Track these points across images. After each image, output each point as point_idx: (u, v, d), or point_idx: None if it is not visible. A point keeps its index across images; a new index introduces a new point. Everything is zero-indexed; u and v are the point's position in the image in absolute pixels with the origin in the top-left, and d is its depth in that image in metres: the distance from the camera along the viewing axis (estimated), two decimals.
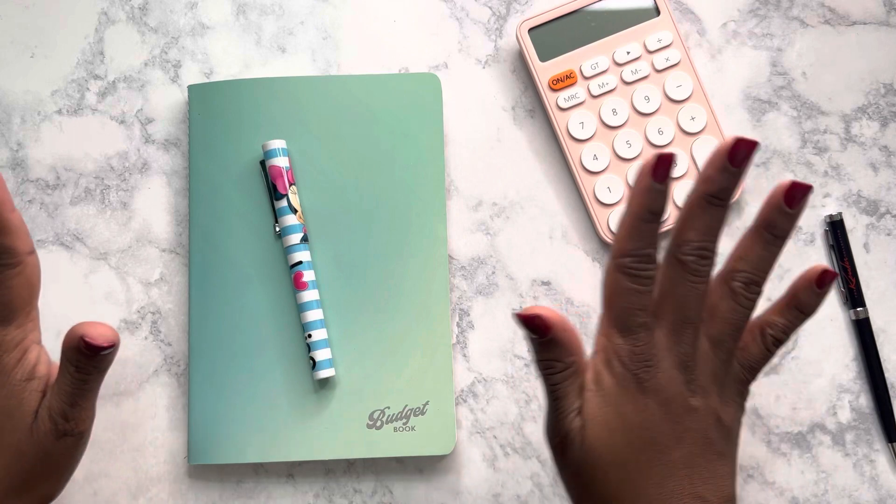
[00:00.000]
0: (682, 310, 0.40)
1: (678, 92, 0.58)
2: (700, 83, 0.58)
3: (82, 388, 0.42)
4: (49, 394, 0.41)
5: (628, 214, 0.40)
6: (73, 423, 0.42)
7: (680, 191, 0.58)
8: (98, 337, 0.41)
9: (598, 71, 0.58)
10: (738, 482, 0.49)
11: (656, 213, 0.40)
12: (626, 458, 0.40)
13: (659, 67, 0.58)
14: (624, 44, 0.58)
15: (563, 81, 0.58)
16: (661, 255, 0.41)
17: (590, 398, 0.41)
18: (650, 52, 0.58)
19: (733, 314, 0.41)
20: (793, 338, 0.58)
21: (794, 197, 0.40)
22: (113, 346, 0.41)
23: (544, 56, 0.58)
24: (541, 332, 0.41)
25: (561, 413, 0.42)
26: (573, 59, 0.58)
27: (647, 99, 0.58)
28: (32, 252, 0.42)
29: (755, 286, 0.41)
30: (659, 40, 0.58)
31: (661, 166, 0.39)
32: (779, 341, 0.43)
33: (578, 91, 0.57)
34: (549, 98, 0.57)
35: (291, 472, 0.56)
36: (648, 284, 0.41)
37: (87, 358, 0.41)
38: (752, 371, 0.43)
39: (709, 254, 0.40)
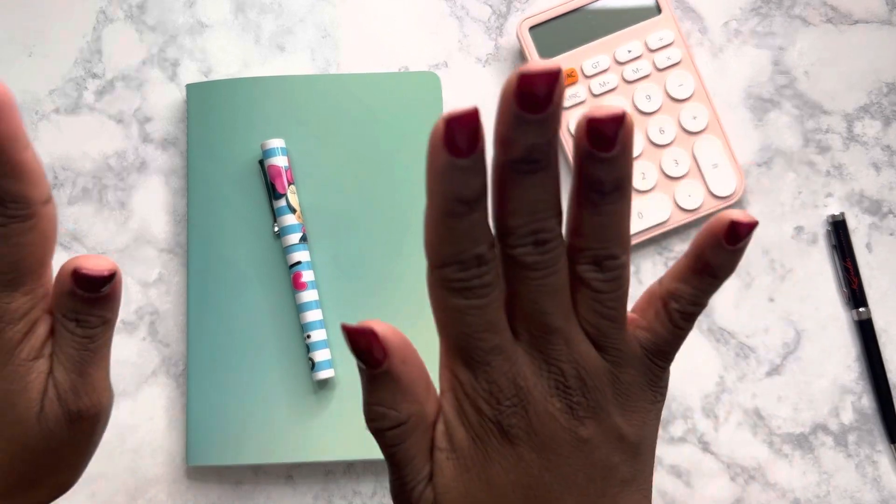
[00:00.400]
0: (538, 318, 0.29)
1: (680, 91, 0.57)
2: (702, 82, 0.57)
3: (89, 348, 0.33)
4: (55, 371, 0.33)
5: (431, 210, 0.28)
6: (86, 400, 0.34)
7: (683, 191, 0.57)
8: (93, 268, 0.32)
9: (599, 70, 0.57)
10: (655, 487, 0.42)
11: (469, 201, 0.27)
12: None
13: (660, 66, 0.57)
14: (625, 42, 0.57)
15: (568, 78, 0.57)
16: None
17: (441, 462, 0.30)
18: (651, 51, 0.57)
19: (600, 303, 0.30)
20: (791, 336, 0.57)
21: (737, 235, 0.30)
22: (113, 275, 0.33)
23: (545, 55, 0.57)
24: (372, 361, 0.30)
25: (406, 482, 0.31)
26: (574, 57, 0.57)
27: (649, 98, 0.57)
28: (49, 201, 0.32)
29: (618, 262, 0.30)
30: (660, 39, 0.57)
31: (458, 133, 0.26)
32: (688, 316, 0.32)
33: (579, 90, 0.57)
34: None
35: (290, 473, 0.56)
36: (488, 293, 0.29)
37: (87, 303, 0.33)
38: (663, 356, 0.32)
39: (547, 235, 0.29)
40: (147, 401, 0.56)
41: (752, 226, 0.30)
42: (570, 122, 0.57)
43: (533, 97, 0.25)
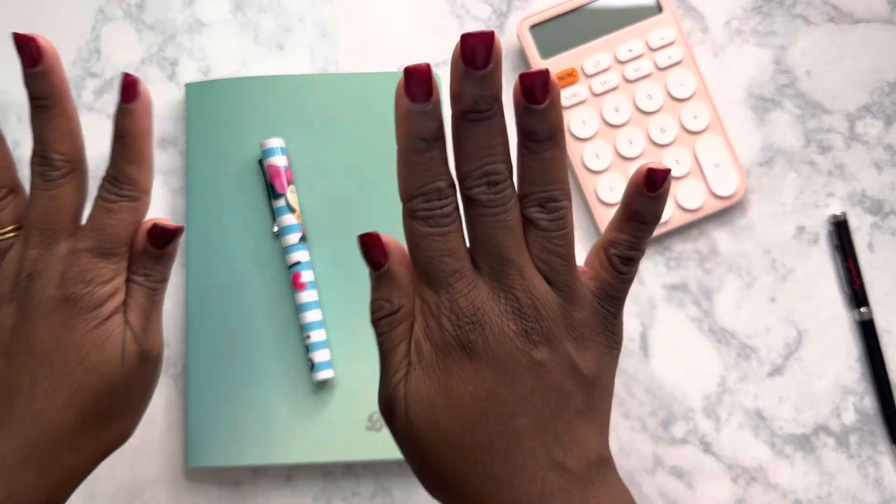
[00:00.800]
0: (495, 250, 0.34)
1: (681, 90, 0.57)
2: (703, 81, 0.57)
3: (153, 300, 0.41)
4: (128, 317, 0.40)
5: (399, 150, 0.35)
6: (152, 342, 0.41)
7: (683, 191, 0.57)
8: (166, 224, 0.41)
9: (599, 69, 0.57)
10: (611, 443, 0.44)
11: (428, 139, 0.34)
12: (459, 436, 0.34)
13: (661, 65, 0.57)
14: (626, 41, 0.57)
15: (564, 79, 0.57)
16: None
17: (411, 372, 0.35)
18: (653, 50, 0.57)
19: (548, 241, 0.35)
20: (793, 337, 0.57)
21: (654, 182, 0.35)
22: (181, 231, 0.41)
23: (546, 54, 0.57)
24: (376, 263, 0.36)
25: (387, 372, 0.36)
26: (575, 56, 0.57)
27: (650, 97, 0.57)
28: (149, 193, 0.41)
29: (560, 204, 0.35)
30: (661, 38, 0.57)
31: (414, 83, 0.33)
32: (627, 259, 0.36)
33: (580, 89, 0.57)
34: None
35: (290, 474, 0.56)
36: (448, 223, 0.35)
37: (154, 260, 0.41)
38: (613, 301, 0.36)
39: (497, 177, 0.34)
40: None
41: (666, 172, 0.35)
42: (570, 120, 0.57)
43: (475, 54, 0.32)
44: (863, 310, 0.57)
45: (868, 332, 0.57)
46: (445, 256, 0.35)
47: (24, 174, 0.57)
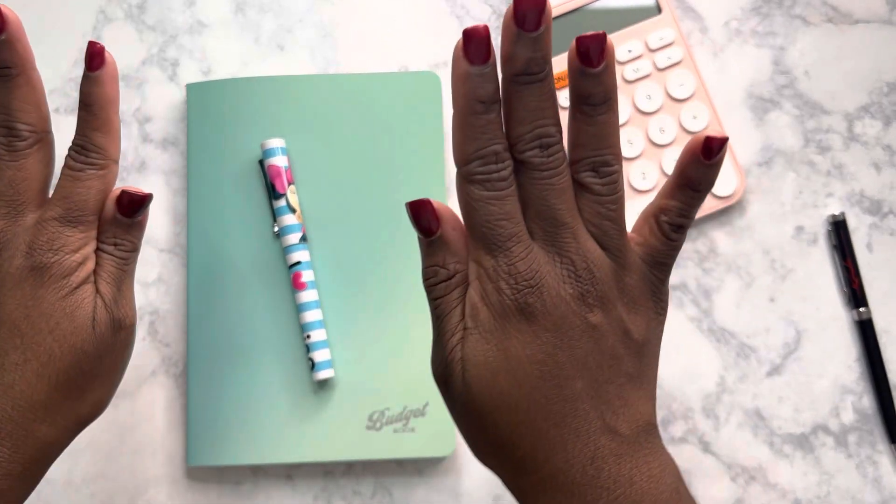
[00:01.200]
0: (548, 213, 0.35)
1: (680, 90, 0.57)
2: (702, 82, 0.57)
3: (124, 269, 0.41)
4: (99, 286, 0.40)
5: (456, 113, 0.35)
6: (124, 311, 0.41)
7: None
8: (135, 191, 0.41)
9: None
10: (657, 410, 0.45)
11: (487, 101, 0.34)
12: (516, 400, 0.34)
13: (661, 66, 0.57)
14: (625, 42, 0.57)
15: (564, 80, 0.57)
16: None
17: (468, 337, 0.35)
18: (652, 51, 0.58)
19: (601, 205, 0.35)
20: (792, 336, 0.57)
21: (711, 150, 0.35)
22: (149, 198, 0.41)
23: None
24: (428, 229, 0.36)
25: (443, 336, 0.36)
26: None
27: (649, 97, 0.57)
28: (117, 162, 0.42)
29: (613, 168, 0.35)
30: (661, 38, 0.57)
31: (473, 45, 0.33)
32: (678, 227, 0.37)
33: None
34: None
35: (290, 473, 0.56)
36: (505, 187, 0.35)
37: (124, 229, 0.41)
38: (661, 268, 0.37)
39: (550, 139, 0.34)
40: (147, 401, 0.56)
41: (723, 140, 0.35)
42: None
43: (526, 16, 0.32)
44: (861, 310, 0.57)
45: (867, 332, 0.57)
46: (503, 220, 0.35)
47: None
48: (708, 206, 0.57)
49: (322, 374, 0.54)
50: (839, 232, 0.58)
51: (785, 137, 0.59)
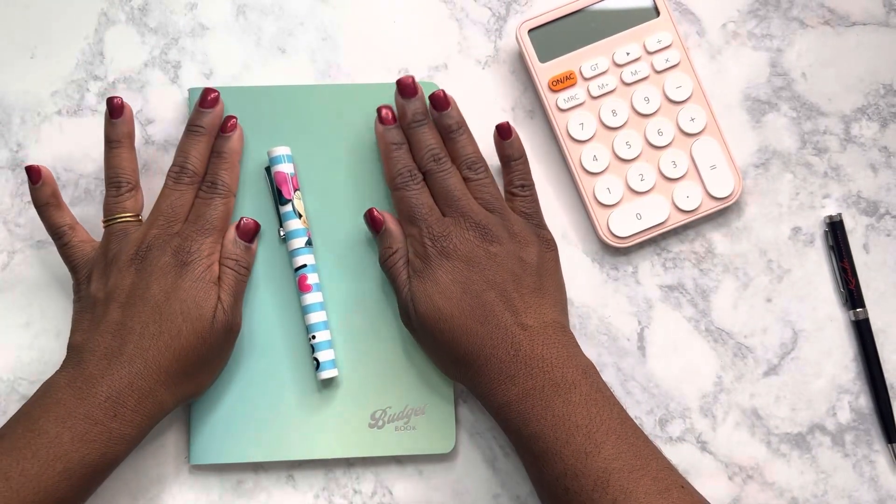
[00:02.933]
0: (447, 194, 0.54)
1: (678, 93, 0.58)
2: (700, 84, 0.58)
3: (241, 282, 0.55)
4: (220, 293, 0.53)
5: (382, 154, 0.56)
6: (236, 318, 0.54)
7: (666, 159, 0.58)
8: (250, 220, 0.56)
9: (597, 72, 0.58)
10: (570, 315, 0.57)
11: (397, 143, 0.56)
12: (450, 311, 0.51)
13: (659, 68, 0.58)
14: (624, 45, 0.58)
15: (562, 82, 0.58)
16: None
17: (412, 283, 0.53)
18: (650, 53, 0.58)
19: (480, 186, 0.55)
20: (789, 337, 0.58)
21: (501, 132, 0.55)
22: (259, 228, 0.56)
23: (544, 57, 0.58)
24: (376, 225, 0.55)
25: (399, 292, 0.54)
26: (573, 59, 0.58)
27: (647, 100, 0.58)
28: (234, 196, 0.57)
29: (479, 164, 0.55)
30: (659, 41, 0.58)
31: (383, 115, 0.55)
32: (522, 186, 0.56)
33: (578, 92, 0.58)
34: (549, 99, 0.58)
35: (291, 472, 0.57)
36: (419, 187, 0.54)
37: (242, 251, 0.55)
38: (531, 216, 0.55)
39: (438, 153, 0.55)
40: None
41: (506, 127, 0.56)
42: (568, 122, 0.58)
43: (406, 90, 0.55)
44: (858, 310, 0.58)
45: (863, 332, 0.58)
46: (423, 206, 0.54)
47: (19, 184, 0.57)
48: (706, 207, 0.58)
49: (326, 374, 0.55)
50: (836, 233, 0.58)
51: (782, 139, 0.60)
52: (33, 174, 0.54)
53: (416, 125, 0.55)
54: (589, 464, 0.47)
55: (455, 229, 0.53)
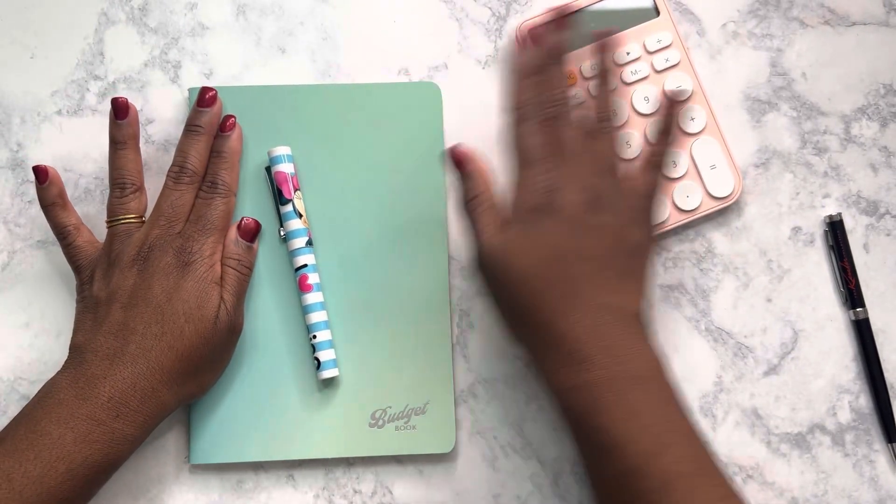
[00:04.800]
0: (571, 144, 0.50)
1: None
2: (700, 83, 0.59)
3: (243, 284, 0.55)
4: (223, 294, 0.54)
5: (513, 75, 0.51)
6: (238, 318, 0.55)
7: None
8: (251, 220, 0.56)
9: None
10: (649, 307, 0.55)
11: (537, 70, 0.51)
12: (533, 273, 0.48)
13: (659, 68, 0.59)
14: (624, 44, 0.59)
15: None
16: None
17: (503, 229, 0.49)
18: (650, 53, 0.59)
19: (603, 145, 0.51)
20: (789, 336, 0.58)
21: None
22: (260, 228, 0.56)
23: None
24: (462, 165, 0.52)
25: (480, 234, 0.50)
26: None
27: (647, 99, 0.58)
28: (235, 196, 0.57)
29: (608, 122, 0.52)
30: (659, 41, 0.59)
31: (526, 43, 0.52)
32: (655, 165, 0.52)
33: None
34: (510, 80, 0.58)
35: (291, 472, 0.57)
36: (550, 124, 0.50)
37: (244, 251, 0.55)
38: (645, 198, 0.51)
39: (566, 105, 0.51)
40: None
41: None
42: None
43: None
44: (858, 310, 0.58)
45: (863, 332, 0.58)
46: (538, 145, 0.50)
47: (20, 183, 0.57)
48: (706, 206, 0.58)
49: (327, 373, 0.56)
50: (836, 233, 0.59)
51: (782, 139, 0.60)
52: (40, 174, 0.55)
53: (551, 64, 0.51)
54: (654, 465, 0.45)
55: (567, 186, 0.49)
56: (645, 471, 0.45)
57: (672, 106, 0.52)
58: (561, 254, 0.48)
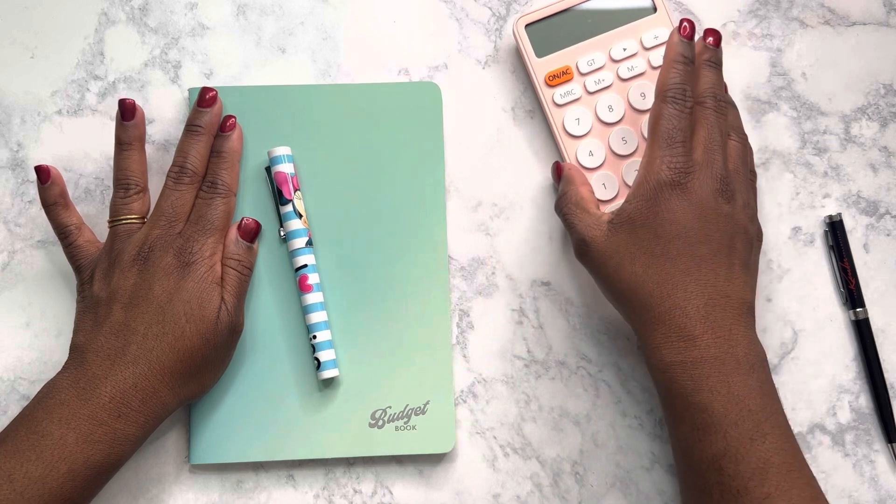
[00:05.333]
0: (713, 138, 0.51)
1: None
2: None
3: (243, 283, 0.56)
4: (224, 294, 0.54)
5: (666, 61, 0.53)
6: (239, 318, 0.55)
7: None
8: (251, 221, 0.56)
9: (594, 67, 0.59)
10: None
11: (686, 60, 0.53)
12: (654, 247, 0.50)
13: (655, 64, 0.59)
14: (620, 40, 0.59)
15: (559, 77, 0.59)
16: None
17: (628, 197, 0.51)
18: (646, 49, 0.59)
19: (739, 150, 0.53)
20: (789, 336, 0.59)
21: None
22: (260, 228, 0.57)
23: (541, 52, 0.59)
24: (559, 175, 0.57)
25: (581, 221, 0.53)
26: (569, 55, 0.59)
27: (643, 96, 0.59)
28: (235, 196, 0.57)
29: (723, 102, 0.53)
30: (655, 37, 0.59)
31: (686, 30, 0.53)
32: (751, 170, 0.55)
33: (574, 87, 0.59)
34: (546, 94, 0.58)
35: (291, 472, 0.57)
36: (687, 109, 0.52)
37: (244, 250, 0.56)
38: (755, 195, 0.54)
39: (720, 95, 0.53)
40: None
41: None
42: (565, 118, 0.58)
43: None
44: (858, 310, 0.58)
45: (863, 332, 0.58)
46: (680, 129, 0.51)
47: (20, 183, 0.58)
48: None
49: (327, 374, 0.56)
50: (836, 232, 0.59)
51: (782, 139, 0.60)
52: (42, 174, 0.56)
53: (710, 64, 0.54)
54: (752, 451, 0.46)
55: (701, 170, 0.50)
56: (743, 455, 0.46)
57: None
58: (684, 232, 0.49)
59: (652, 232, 0.50)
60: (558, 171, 0.57)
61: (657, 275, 0.49)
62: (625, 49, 0.59)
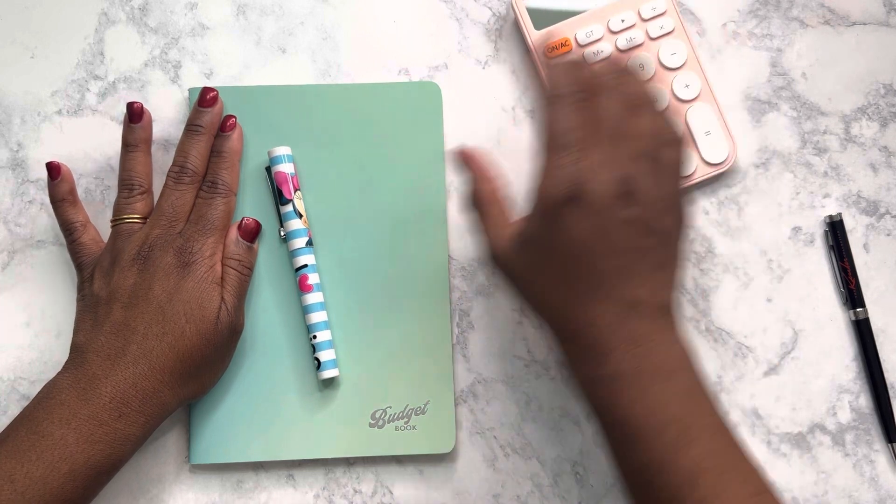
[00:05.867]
0: (608, 123, 0.45)
1: (672, 59, 0.59)
2: (694, 50, 0.60)
3: (243, 282, 0.56)
4: (224, 294, 0.54)
5: (544, 66, 0.53)
6: (239, 318, 0.55)
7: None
8: (251, 221, 0.56)
9: (592, 39, 0.59)
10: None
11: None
12: (556, 268, 0.46)
13: (653, 35, 0.59)
14: (619, 12, 0.59)
15: (558, 49, 0.59)
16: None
17: (518, 222, 0.48)
18: (644, 21, 0.59)
19: (650, 125, 0.46)
20: (789, 336, 0.59)
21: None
22: (260, 228, 0.57)
23: (539, 24, 0.59)
24: (468, 163, 0.52)
25: (487, 231, 0.50)
26: (568, 27, 0.59)
27: (642, 67, 0.59)
28: (235, 195, 0.57)
29: (652, 95, 0.47)
30: (653, 8, 0.59)
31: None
32: (672, 136, 0.48)
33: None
34: (545, 66, 0.58)
35: (291, 472, 0.57)
36: (583, 107, 0.46)
37: (245, 250, 0.56)
38: (677, 179, 0.47)
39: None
40: None
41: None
42: None
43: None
44: (858, 310, 0.58)
45: (863, 332, 0.59)
46: (568, 129, 0.45)
47: (20, 183, 0.58)
48: (701, 172, 0.59)
49: (327, 374, 0.56)
50: (836, 232, 0.59)
51: (782, 139, 0.60)
52: (53, 170, 0.56)
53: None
54: (679, 459, 0.44)
55: (598, 175, 0.44)
56: (670, 464, 0.44)
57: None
58: (586, 250, 0.45)
59: (552, 255, 0.46)
60: (465, 159, 0.52)
61: (564, 296, 0.46)
62: (623, 20, 0.59)
